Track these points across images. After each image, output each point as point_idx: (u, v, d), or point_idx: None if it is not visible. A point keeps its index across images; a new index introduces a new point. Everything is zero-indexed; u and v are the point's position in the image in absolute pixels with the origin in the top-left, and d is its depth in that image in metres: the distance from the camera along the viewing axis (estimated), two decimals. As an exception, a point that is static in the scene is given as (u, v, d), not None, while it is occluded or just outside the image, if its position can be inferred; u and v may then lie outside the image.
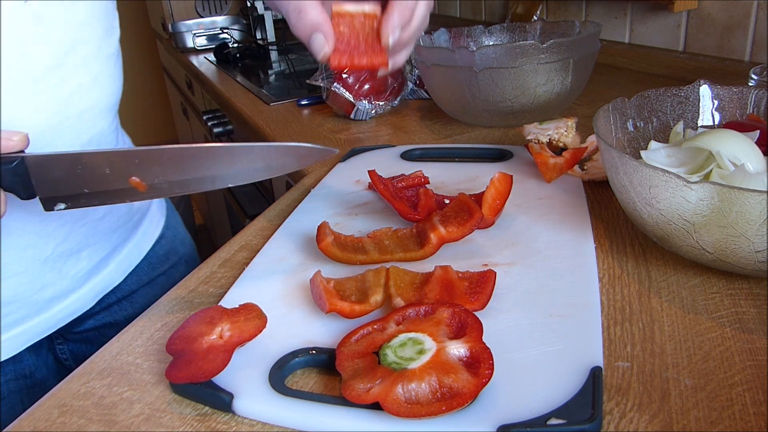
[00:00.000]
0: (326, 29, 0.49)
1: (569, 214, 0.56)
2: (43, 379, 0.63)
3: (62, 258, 0.57)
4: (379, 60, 0.52)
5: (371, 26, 0.51)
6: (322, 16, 0.49)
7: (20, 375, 0.61)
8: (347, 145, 0.89)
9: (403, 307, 0.42)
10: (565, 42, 0.78)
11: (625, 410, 0.35)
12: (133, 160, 0.44)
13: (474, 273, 0.46)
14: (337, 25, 0.50)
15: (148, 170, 0.45)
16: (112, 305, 0.68)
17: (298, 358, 0.40)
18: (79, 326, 0.65)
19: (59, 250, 0.57)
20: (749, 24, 0.99)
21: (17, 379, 0.61)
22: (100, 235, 0.61)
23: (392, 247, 0.52)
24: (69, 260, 0.58)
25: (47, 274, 0.57)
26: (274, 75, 1.61)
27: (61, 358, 0.67)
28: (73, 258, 0.59)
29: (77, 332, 0.66)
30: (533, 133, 0.71)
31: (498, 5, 1.60)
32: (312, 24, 0.49)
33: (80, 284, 0.61)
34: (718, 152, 0.49)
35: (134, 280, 0.69)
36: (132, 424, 0.37)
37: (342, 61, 0.51)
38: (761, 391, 0.35)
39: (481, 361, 0.36)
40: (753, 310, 0.43)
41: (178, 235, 0.79)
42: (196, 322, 0.42)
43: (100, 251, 0.62)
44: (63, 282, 0.59)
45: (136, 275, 0.69)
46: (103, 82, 0.57)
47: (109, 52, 0.57)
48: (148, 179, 0.45)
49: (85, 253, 0.60)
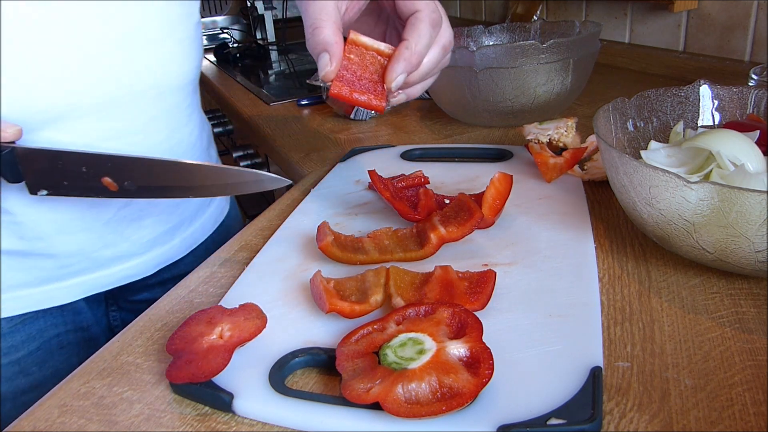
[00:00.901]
0: (335, 51, 0.49)
1: (569, 214, 0.56)
2: (97, 336, 0.68)
3: (124, 222, 0.62)
4: (376, 102, 0.51)
5: (381, 65, 0.51)
6: (335, 37, 0.49)
7: (79, 327, 0.66)
8: (347, 145, 0.89)
9: (403, 307, 0.42)
10: (565, 42, 0.78)
11: (625, 410, 0.35)
12: (106, 163, 0.50)
13: (474, 273, 0.46)
14: (348, 52, 0.50)
15: (119, 173, 0.50)
16: (167, 281, 0.70)
17: (298, 358, 0.40)
18: (133, 295, 0.69)
19: (121, 214, 0.61)
20: (749, 24, 0.99)
21: (76, 330, 0.65)
22: (162, 206, 0.65)
23: (392, 247, 0.52)
24: (131, 225, 0.63)
25: (109, 235, 0.61)
26: (274, 75, 1.61)
27: (112, 324, 0.71)
28: (135, 224, 0.63)
29: (131, 301, 0.69)
30: (533, 133, 0.71)
31: (498, 5, 1.60)
32: (323, 42, 0.49)
33: (143, 251, 0.65)
34: (718, 152, 0.49)
35: (191, 260, 0.71)
36: (132, 424, 0.37)
37: (342, 91, 0.51)
38: (761, 391, 0.35)
39: (481, 361, 0.36)
40: (753, 310, 0.43)
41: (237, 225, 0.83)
42: (196, 322, 0.42)
43: (163, 223, 0.66)
44: (124, 244, 0.63)
45: (194, 256, 0.71)
46: (174, 62, 0.59)
47: (183, 35, 0.60)
48: (119, 181, 0.50)
49: (147, 222, 0.64)
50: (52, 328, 0.63)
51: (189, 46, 0.61)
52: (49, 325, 0.63)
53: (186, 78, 0.62)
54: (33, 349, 0.62)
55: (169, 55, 0.59)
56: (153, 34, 0.56)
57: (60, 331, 0.64)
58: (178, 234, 0.69)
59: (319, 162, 0.82)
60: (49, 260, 0.60)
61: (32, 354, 0.62)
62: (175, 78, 0.60)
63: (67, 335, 0.65)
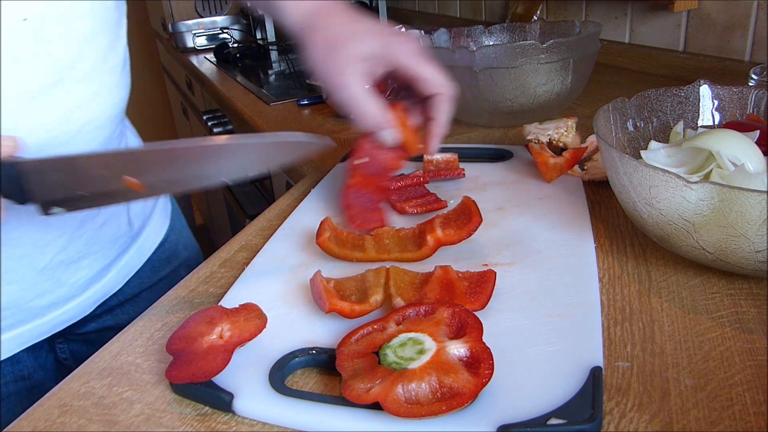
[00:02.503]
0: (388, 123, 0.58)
1: (569, 214, 0.56)
2: (41, 380, 0.63)
3: (60, 267, 0.57)
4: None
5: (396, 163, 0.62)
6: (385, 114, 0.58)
7: (19, 377, 0.61)
8: (347, 145, 0.88)
9: (403, 307, 0.42)
10: (565, 42, 0.78)
11: (625, 410, 0.35)
12: (125, 160, 0.44)
13: (474, 273, 0.46)
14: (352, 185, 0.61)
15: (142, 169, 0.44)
16: (115, 308, 0.67)
17: (298, 358, 0.40)
18: (80, 328, 0.65)
19: (57, 260, 0.56)
20: (749, 24, 0.99)
21: (16, 381, 0.61)
22: (101, 243, 0.61)
23: (391, 246, 0.52)
24: (68, 269, 0.58)
25: (44, 282, 0.56)
26: (274, 75, 1.61)
27: (60, 357, 0.67)
28: (72, 267, 0.58)
29: (78, 333, 0.66)
30: (533, 133, 0.71)
31: (498, 5, 1.60)
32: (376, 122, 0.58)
33: (80, 292, 0.61)
34: (718, 152, 0.49)
35: (137, 283, 0.69)
36: (132, 424, 0.37)
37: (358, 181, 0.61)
38: (761, 391, 0.35)
39: (481, 361, 0.36)
40: (753, 310, 0.43)
41: (182, 239, 0.78)
42: (196, 322, 0.42)
43: (101, 260, 0.62)
44: (61, 290, 0.59)
45: (139, 278, 0.69)
46: (107, 93, 0.56)
47: (114, 63, 0.57)
48: (144, 178, 0.44)
49: (85, 263, 0.60)
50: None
51: (119, 74, 0.58)
52: None
53: (119, 107, 0.59)
54: None
55: (101, 86, 0.55)
56: (85, 66, 0.53)
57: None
58: (113, 267, 0.65)
59: (319, 162, 0.82)
60: None
61: None
62: (110, 108, 0.57)
63: (7, 386, 0.60)
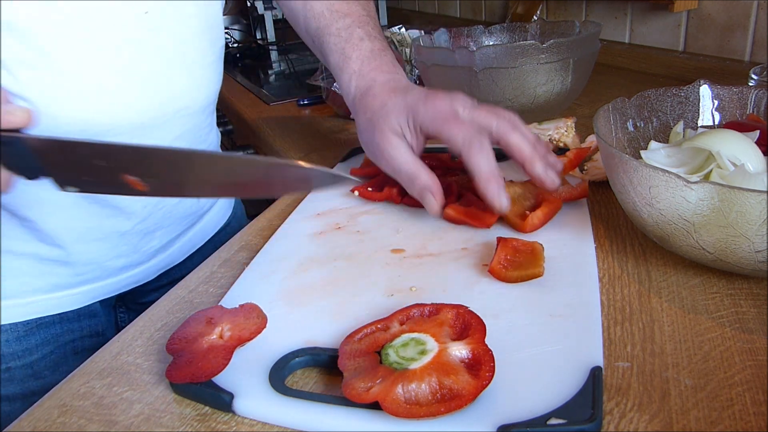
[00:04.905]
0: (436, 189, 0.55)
1: (569, 214, 0.56)
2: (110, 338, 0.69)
3: (139, 235, 0.64)
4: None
5: None
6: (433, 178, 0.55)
7: (94, 332, 0.67)
8: (347, 145, 0.88)
9: (407, 307, 0.42)
10: (565, 42, 0.78)
11: (625, 410, 0.35)
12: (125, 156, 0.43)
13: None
14: None
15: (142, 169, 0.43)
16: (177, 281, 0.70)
17: (299, 358, 0.40)
18: (143, 297, 0.72)
19: (137, 228, 0.63)
20: (749, 24, 0.99)
21: (91, 336, 0.67)
22: (173, 218, 0.68)
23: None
24: (144, 238, 0.65)
25: (123, 246, 0.64)
26: (274, 75, 1.61)
27: (120, 326, 0.72)
28: (147, 237, 0.66)
29: (140, 303, 0.71)
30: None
31: (498, 5, 1.60)
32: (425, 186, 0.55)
33: (148, 259, 0.68)
34: (718, 152, 0.49)
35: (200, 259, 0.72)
36: (132, 424, 0.37)
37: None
38: (761, 391, 0.35)
39: (483, 363, 0.36)
40: (753, 310, 0.43)
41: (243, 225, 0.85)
42: (196, 322, 0.42)
43: (170, 233, 0.69)
44: (135, 255, 0.66)
45: (201, 255, 0.72)
46: (202, 85, 0.63)
47: (212, 59, 0.64)
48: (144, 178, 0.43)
49: (158, 233, 0.67)
50: (67, 333, 0.65)
51: (214, 70, 0.66)
52: (65, 331, 0.64)
53: (209, 99, 0.66)
54: (47, 353, 0.63)
55: (200, 78, 0.63)
56: (190, 59, 0.60)
57: (75, 337, 0.65)
58: (178, 241, 0.72)
59: (319, 162, 0.81)
60: (64, 267, 0.61)
61: (45, 358, 0.63)
62: (203, 99, 0.64)
63: (82, 341, 0.66)
